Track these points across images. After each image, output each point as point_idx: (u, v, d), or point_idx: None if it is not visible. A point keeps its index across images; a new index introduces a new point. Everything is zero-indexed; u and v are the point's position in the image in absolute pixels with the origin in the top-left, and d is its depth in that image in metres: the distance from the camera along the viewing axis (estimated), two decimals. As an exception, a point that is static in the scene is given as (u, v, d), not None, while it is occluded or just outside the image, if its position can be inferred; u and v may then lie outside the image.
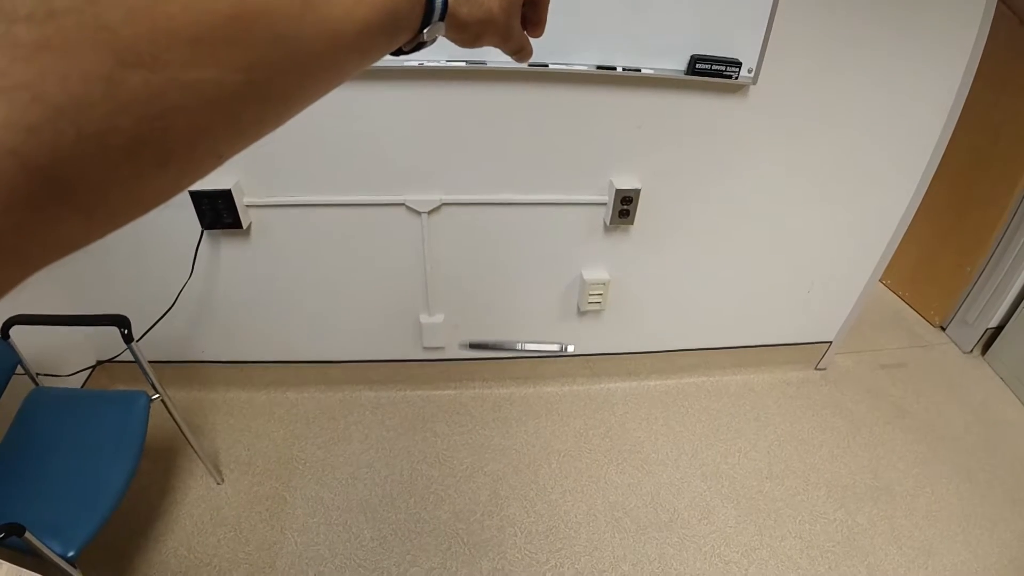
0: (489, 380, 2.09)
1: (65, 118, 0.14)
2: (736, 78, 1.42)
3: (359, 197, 1.60)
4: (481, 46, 0.35)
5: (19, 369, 1.41)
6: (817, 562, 1.60)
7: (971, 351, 2.41)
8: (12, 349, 1.38)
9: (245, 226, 1.60)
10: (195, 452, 1.67)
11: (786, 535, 1.66)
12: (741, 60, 1.40)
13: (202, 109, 0.17)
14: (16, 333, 1.38)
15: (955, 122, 1.65)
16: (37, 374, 1.48)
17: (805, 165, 1.69)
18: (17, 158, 0.13)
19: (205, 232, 1.60)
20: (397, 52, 0.29)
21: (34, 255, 0.15)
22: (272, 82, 0.19)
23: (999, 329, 2.32)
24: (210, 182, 1.51)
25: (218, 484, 1.72)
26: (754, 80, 1.45)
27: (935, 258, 2.54)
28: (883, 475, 1.86)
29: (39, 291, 1.67)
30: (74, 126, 0.14)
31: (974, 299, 2.36)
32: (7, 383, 1.35)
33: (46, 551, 1.07)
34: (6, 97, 0.13)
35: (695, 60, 1.38)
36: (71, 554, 1.12)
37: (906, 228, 1.88)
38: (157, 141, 0.16)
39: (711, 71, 1.40)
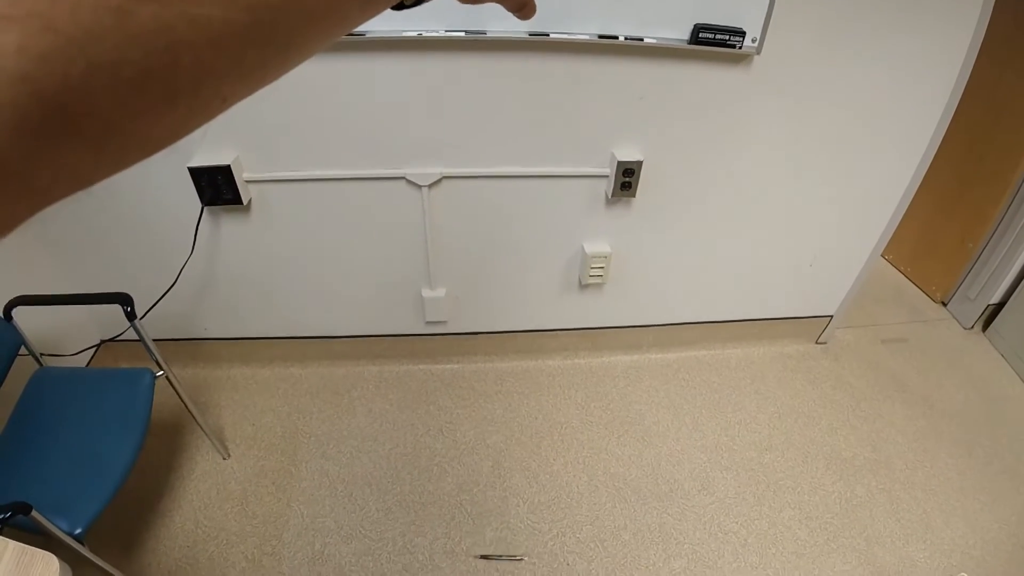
0: (491, 354, 2.11)
1: (76, 47, 0.14)
2: (740, 47, 1.40)
3: (359, 171, 1.59)
4: (483, 2, 0.34)
5: (23, 350, 1.41)
6: (816, 533, 1.62)
7: (972, 327, 2.41)
8: (15, 330, 1.38)
9: (245, 202, 1.59)
10: (200, 428, 1.69)
11: (785, 506, 1.69)
12: (745, 29, 1.37)
13: (208, 46, 0.17)
14: (19, 314, 1.38)
15: (959, 97, 1.63)
16: (41, 354, 1.48)
17: (808, 137, 1.67)
18: (28, 84, 0.13)
19: (205, 209, 1.59)
20: (399, 6, 0.29)
21: (42, 188, 0.16)
22: (276, 24, 0.19)
23: (1000, 305, 2.32)
24: (209, 157, 1.50)
25: (224, 459, 1.74)
26: (758, 50, 1.43)
27: (937, 234, 2.53)
28: (882, 448, 1.88)
29: (41, 271, 1.67)
30: (84, 56, 0.14)
31: (976, 275, 2.36)
32: (11, 364, 1.35)
33: (53, 529, 1.07)
34: (18, 24, 0.13)
35: (698, 29, 1.36)
36: (78, 531, 1.13)
37: (908, 203, 1.86)
38: (165, 76, 0.16)
39: (714, 40, 1.38)
